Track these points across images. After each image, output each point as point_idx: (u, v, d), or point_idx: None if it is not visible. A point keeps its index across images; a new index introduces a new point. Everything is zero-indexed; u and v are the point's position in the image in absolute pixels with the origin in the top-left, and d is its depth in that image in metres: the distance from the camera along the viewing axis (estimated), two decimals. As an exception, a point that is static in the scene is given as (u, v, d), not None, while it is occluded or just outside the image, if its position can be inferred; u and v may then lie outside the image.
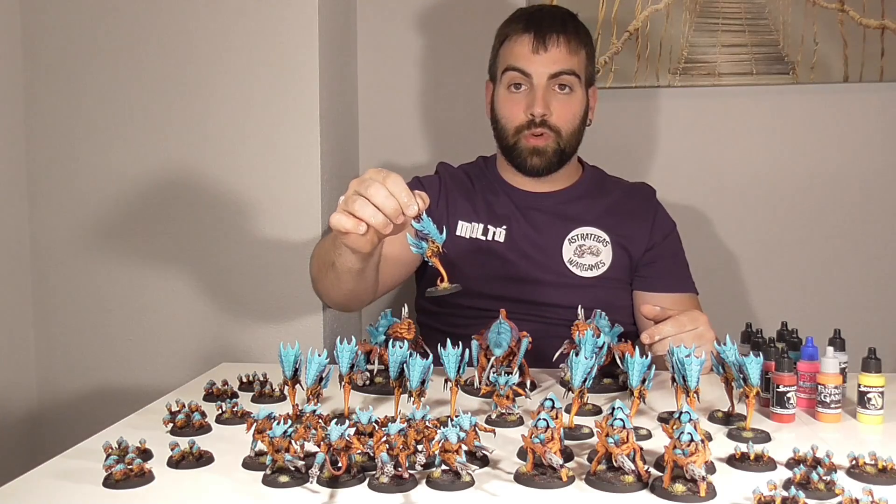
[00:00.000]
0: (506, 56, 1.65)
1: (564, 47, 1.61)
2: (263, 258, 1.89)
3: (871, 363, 1.16)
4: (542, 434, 0.91)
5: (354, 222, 1.20)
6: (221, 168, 1.89)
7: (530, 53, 1.61)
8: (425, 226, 1.21)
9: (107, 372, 1.94)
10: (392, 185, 1.19)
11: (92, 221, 1.93)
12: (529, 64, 1.61)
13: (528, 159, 1.64)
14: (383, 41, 2.16)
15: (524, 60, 1.61)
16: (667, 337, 1.29)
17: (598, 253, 1.65)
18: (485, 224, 1.68)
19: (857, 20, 2.02)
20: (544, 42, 1.60)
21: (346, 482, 0.92)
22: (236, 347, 1.88)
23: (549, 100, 1.61)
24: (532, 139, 1.63)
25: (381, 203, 1.19)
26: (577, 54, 1.63)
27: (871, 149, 2.08)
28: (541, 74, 1.61)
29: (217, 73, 1.87)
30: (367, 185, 1.20)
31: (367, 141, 2.19)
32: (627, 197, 1.74)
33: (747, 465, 0.98)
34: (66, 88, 1.91)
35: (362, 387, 1.33)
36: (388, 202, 1.19)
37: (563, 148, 1.64)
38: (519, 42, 1.63)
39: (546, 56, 1.60)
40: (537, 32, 1.61)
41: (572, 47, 1.62)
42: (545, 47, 1.60)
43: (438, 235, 1.21)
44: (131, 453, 0.97)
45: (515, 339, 1.25)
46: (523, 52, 1.62)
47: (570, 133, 1.65)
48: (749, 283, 2.13)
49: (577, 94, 1.64)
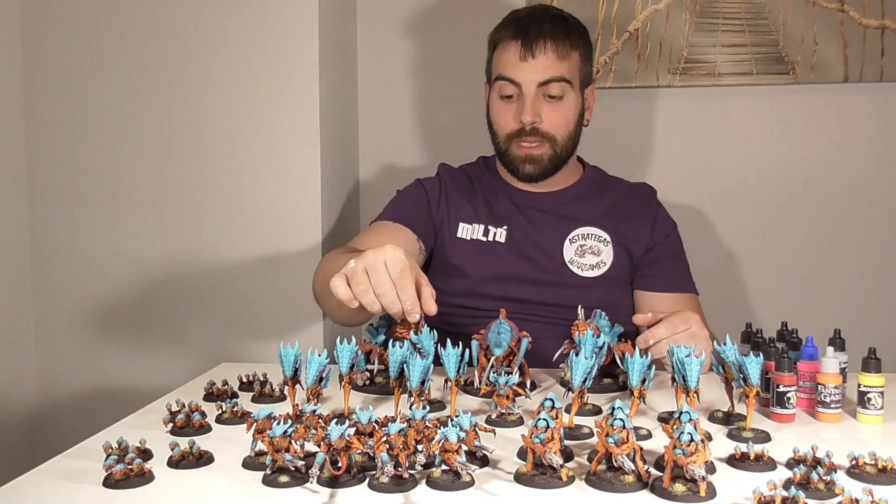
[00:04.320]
0: (496, 64, 1.65)
1: (553, 53, 1.59)
2: (263, 259, 1.89)
3: (871, 363, 1.16)
4: (542, 434, 0.91)
5: (350, 296, 1.17)
6: (221, 168, 1.89)
7: (518, 62, 1.60)
8: (422, 341, 1.18)
9: (107, 372, 1.94)
10: (402, 290, 1.15)
11: (92, 221, 1.93)
12: (518, 73, 1.60)
13: (521, 166, 1.64)
14: (383, 42, 2.16)
15: (512, 69, 1.60)
16: (661, 340, 1.29)
17: (599, 253, 1.65)
18: (485, 225, 1.68)
19: (857, 20, 2.02)
20: (531, 49, 1.59)
21: (346, 482, 0.92)
22: (236, 347, 1.88)
23: (539, 107, 1.60)
24: (524, 148, 1.62)
25: (385, 304, 1.16)
26: (568, 58, 1.61)
27: (871, 149, 2.08)
28: (529, 83, 1.59)
29: (217, 74, 1.88)
30: (377, 277, 1.16)
31: (367, 142, 2.19)
32: (628, 197, 1.74)
33: (747, 465, 0.98)
34: (66, 88, 1.91)
35: (362, 387, 1.33)
36: (393, 307, 1.16)
37: (559, 154, 1.64)
38: (507, 50, 1.62)
39: (534, 63, 1.59)
40: (524, 40, 1.59)
41: (562, 52, 1.60)
42: (532, 55, 1.59)
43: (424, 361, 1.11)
44: (131, 453, 0.97)
45: (515, 339, 1.25)
46: (512, 60, 1.61)
47: (565, 139, 1.64)
48: (749, 283, 2.13)
49: (569, 99, 1.63)
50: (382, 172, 2.18)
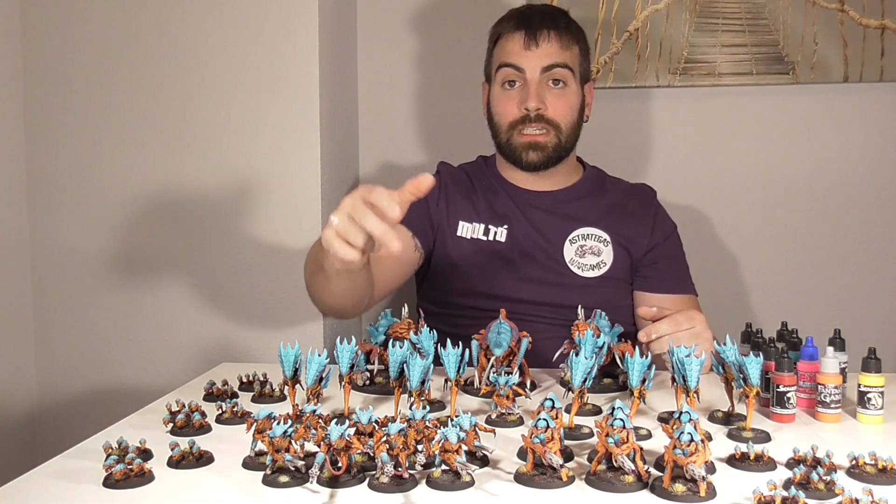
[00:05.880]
0: (499, 54, 1.67)
1: (556, 42, 1.62)
2: (264, 258, 1.89)
3: (871, 363, 1.16)
4: (542, 434, 0.91)
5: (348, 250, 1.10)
6: (222, 169, 1.89)
7: (522, 50, 1.62)
8: (422, 341, 1.19)
9: (107, 372, 1.94)
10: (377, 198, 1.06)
11: (92, 222, 1.93)
12: (522, 59, 1.62)
13: (525, 154, 1.65)
14: (383, 41, 2.16)
15: (516, 56, 1.62)
16: (664, 335, 1.29)
17: (599, 253, 1.66)
18: (486, 224, 1.68)
19: (857, 20, 2.02)
20: (535, 38, 1.61)
21: (346, 482, 0.92)
22: (236, 347, 1.88)
23: (544, 94, 1.62)
24: (528, 135, 1.63)
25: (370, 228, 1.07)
26: (570, 49, 1.64)
27: (870, 149, 2.08)
28: (534, 69, 1.61)
29: (217, 74, 1.87)
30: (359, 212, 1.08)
31: (367, 141, 2.19)
32: (628, 197, 1.74)
33: (747, 465, 0.98)
34: (66, 88, 1.91)
35: (362, 387, 1.33)
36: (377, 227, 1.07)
37: (563, 143, 1.65)
38: (511, 40, 1.64)
39: (538, 51, 1.61)
40: (528, 29, 1.62)
41: (564, 42, 1.63)
42: (536, 43, 1.61)
43: (424, 361, 1.11)
44: (131, 453, 0.97)
45: (515, 339, 1.25)
46: (515, 48, 1.63)
47: (569, 127, 1.65)
48: (749, 283, 2.13)
49: (571, 88, 1.65)
50: (382, 171, 2.18)
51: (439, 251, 1.68)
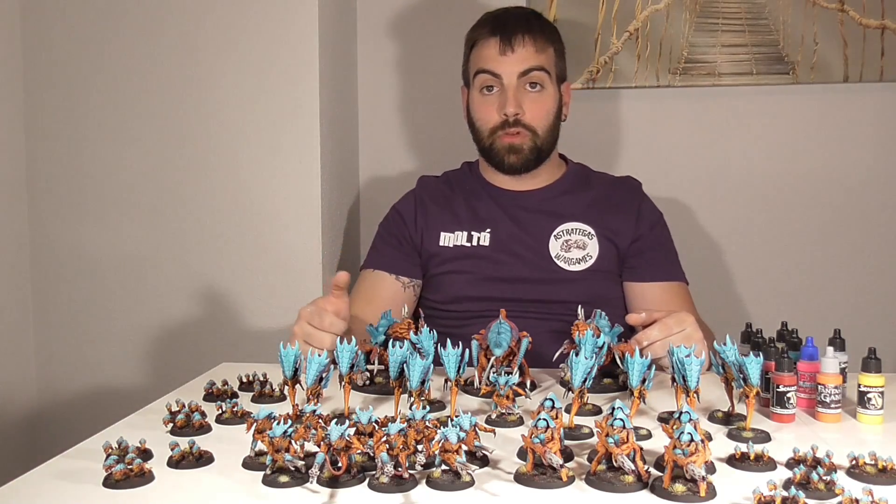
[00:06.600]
0: (475, 60, 1.68)
1: (531, 46, 1.63)
2: (263, 258, 1.89)
3: (871, 363, 1.16)
4: (542, 434, 0.91)
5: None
6: (222, 169, 1.89)
7: (498, 55, 1.63)
8: (422, 341, 1.20)
9: (107, 372, 1.94)
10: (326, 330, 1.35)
11: (92, 222, 1.93)
12: (498, 65, 1.63)
13: (506, 158, 1.67)
14: (384, 43, 2.16)
15: (493, 62, 1.64)
16: (655, 342, 1.29)
17: (584, 246, 1.66)
18: (468, 231, 1.70)
19: (857, 20, 2.02)
20: (510, 43, 1.62)
21: (346, 482, 0.92)
22: (236, 347, 1.88)
23: (521, 98, 1.63)
24: (507, 137, 1.64)
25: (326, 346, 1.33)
26: (545, 51, 1.66)
27: (870, 149, 2.08)
28: (510, 74, 1.62)
29: (217, 74, 1.88)
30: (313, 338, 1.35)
31: (367, 142, 2.19)
32: (612, 190, 1.75)
33: (747, 465, 0.98)
34: (67, 88, 1.91)
35: (362, 387, 1.33)
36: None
37: (540, 146, 1.67)
38: (486, 45, 1.65)
39: (514, 56, 1.62)
40: (503, 34, 1.63)
41: (539, 45, 1.64)
42: (512, 48, 1.62)
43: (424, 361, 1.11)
44: (131, 453, 0.97)
45: (515, 339, 1.25)
46: (491, 54, 1.64)
47: (546, 130, 1.67)
48: (749, 283, 2.13)
49: (548, 91, 1.66)
50: (382, 172, 2.18)
51: (425, 265, 1.71)
